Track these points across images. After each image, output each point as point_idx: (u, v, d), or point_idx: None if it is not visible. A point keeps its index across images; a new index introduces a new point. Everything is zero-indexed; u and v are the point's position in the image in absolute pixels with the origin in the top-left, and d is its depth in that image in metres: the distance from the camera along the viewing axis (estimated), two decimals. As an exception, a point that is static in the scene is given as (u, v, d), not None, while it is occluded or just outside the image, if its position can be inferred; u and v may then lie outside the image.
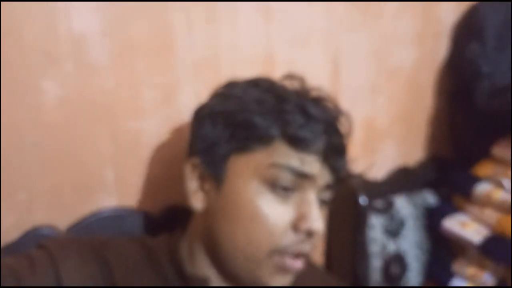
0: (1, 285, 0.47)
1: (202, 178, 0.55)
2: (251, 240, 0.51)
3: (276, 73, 0.58)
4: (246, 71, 0.61)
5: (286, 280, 0.53)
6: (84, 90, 0.62)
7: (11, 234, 0.60)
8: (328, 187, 0.53)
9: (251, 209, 0.51)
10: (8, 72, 0.57)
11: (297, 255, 0.51)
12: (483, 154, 0.88)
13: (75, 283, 0.49)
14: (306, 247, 0.51)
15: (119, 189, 0.67)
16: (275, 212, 0.50)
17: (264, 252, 0.50)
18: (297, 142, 0.51)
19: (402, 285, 0.87)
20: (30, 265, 0.49)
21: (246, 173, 0.52)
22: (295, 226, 0.50)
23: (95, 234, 0.63)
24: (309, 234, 0.50)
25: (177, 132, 0.69)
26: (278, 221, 0.50)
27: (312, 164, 0.51)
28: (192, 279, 0.54)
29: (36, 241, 0.58)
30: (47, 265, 0.49)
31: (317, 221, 0.50)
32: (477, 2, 0.92)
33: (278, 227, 0.50)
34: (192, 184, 0.55)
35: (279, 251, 0.50)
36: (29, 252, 0.52)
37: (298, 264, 0.52)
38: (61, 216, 0.63)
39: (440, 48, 0.96)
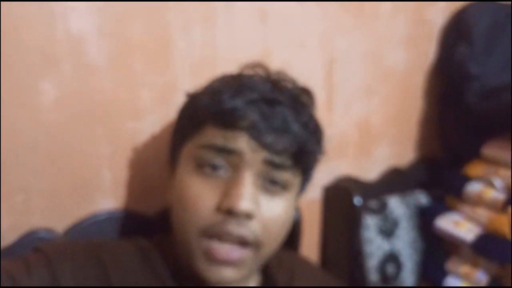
0: (-1, 288, 0.46)
1: (169, 174, 0.57)
2: (181, 222, 0.51)
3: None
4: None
5: (224, 272, 0.50)
6: (82, 90, 0.62)
7: (8, 237, 0.59)
8: (272, 165, 0.50)
9: (181, 192, 0.51)
10: (6, 73, 0.56)
11: (224, 238, 0.49)
12: (474, 154, 0.90)
13: (72, 285, 0.49)
14: (236, 230, 0.48)
15: (116, 190, 0.67)
16: (200, 192, 0.49)
17: (193, 235, 0.49)
18: (220, 118, 0.50)
19: (397, 285, 0.88)
20: (27, 269, 0.48)
21: (184, 160, 0.53)
22: (218, 205, 0.49)
23: (92, 237, 0.63)
24: (230, 213, 0.48)
25: (174, 133, 0.69)
26: (203, 201, 0.49)
27: (236, 139, 0.49)
28: (187, 279, 0.53)
29: (33, 244, 0.57)
30: (43, 268, 0.49)
31: (239, 198, 0.48)
32: (466, 4, 0.94)
33: (202, 207, 0.49)
34: (167, 181, 0.57)
35: (206, 233, 0.49)
36: (25, 255, 0.51)
37: (228, 253, 0.49)
38: (59, 218, 0.63)
39: (430, 51, 0.98)
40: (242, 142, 0.49)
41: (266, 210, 0.50)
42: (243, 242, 0.49)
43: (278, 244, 0.54)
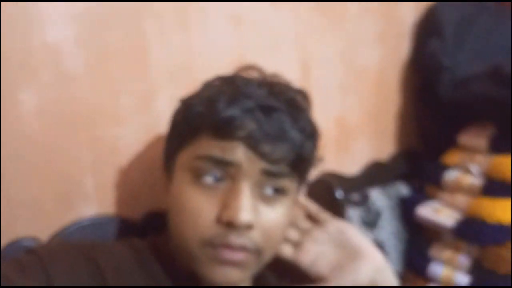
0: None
1: (166, 180, 0.57)
2: (180, 233, 0.51)
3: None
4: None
5: (230, 272, 0.50)
6: (61, 99, 0.63)
7: (-9, 246, 0.59)
8: (270, 174, 0.50)
9: (179, 203, 0.51)
10: (-15, 85, 0.57)
11: (229, 247, 0.49)
12: (450, 143, 0.92)
13: (66, 286, 0.49)
14: (236, 241, 0.49)
15: (99, 196, 0.67)
16: (200, 204, 0.50)
17: (194, 245, 0.50)
18: (217, 128, 0.49)
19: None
20: (20, 270, 0.48)
21: (180, 168, 0.53)
22: (218, 218, 0.49)
23: (81, 239, 0.63)
24: (231, 225, 0.48)
25: (155, 138, 0.70)
26: (202, 213, 0.49)
27: (234, 151, 0.49)
28: (183, 279, 0.54)
29: (18, 252, 0.57)
30: (37, 269, 0.49)
31: (238, 210, 0.48)
32: (435, 2, 0.97)
33: (203, 219, 0.49)
34: (164, 187, 0.57)
35: (208, 244, 0.49)
36: (18, 257, 0.51)
37: (233, 255, 0.49)
38: (43, 226, 0.63)
39: (402, 47, 1.00)
40: (239, 153, 0.49)
41: (266, 218, 0.51)
42: (244, 250, 0.50)
43: (278, 246, 0.56)
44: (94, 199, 0.67)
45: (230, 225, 0.48)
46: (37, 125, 0.62)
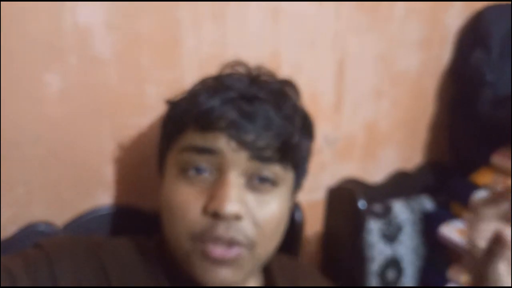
0: (-2, 285, 0.46)
1: (159, 180, 0.56)
2: (171, 230, 0.50)
3: (281, 73, 0.57)
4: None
5: (222, 272, 0.48)
6: (87, 84, 0.61)
7: (8, 229, 0.59)
8: (257, 163, 0.49)
9: (168, 199, 0.50)
10: (10, 64, 0.55)
11: (218, 242, 0.47)
12: (483, 162, 0.88)
13: (70, 283, 0.48)
14: (226, 233, 0.47)
15: (117, 186, 0.66)
16: (186, 196, 0.48)
17: (184, 241, 0.48)
18: (199, 120, 0.49)
19: (397, 290, 0.87)
20: (25, 265, 0.48)
21: (169, 166, 0.52)
22: (204, 209, 0.47)
23: (92, 232, 0.63)
24: (217, 216, 0.46)
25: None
26: (189, 206, 0.48)
27: (215, 139, 0.48)
28: (184, 281, 0.52)
29: (32, 236, 0.57)
30: (42, 265, 0.48)
31: (224, 200, 0.46)
32: (483, 6, 0.92)
33: (189, 212, 0.48)
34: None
35: (198, 238, 0.48)
36: (24, 251, 0.51)
37: (223, 252, 0.47)
38: (59, 212, 0.62)
39: (444, 54, 0.96)
40: (221, 142, 0.48)
41: (257, 209, 0.49)
42: (235, 244, 0.48)
43: (275, 242, 0.53)
44: (112, 188, 0.66)
45: (216, 216, 0.47)
46: (60, 108, 0.60)
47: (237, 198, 0.47)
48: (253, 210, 0.49)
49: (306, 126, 0.55)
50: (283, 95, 0.52)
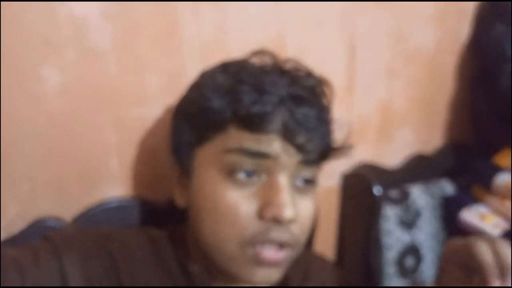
0: (5, 277, 0.46)
1: (179, 174, 0.54)
2: (217, 233, 0.48)
3: (286, 56, 0.55)
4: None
5: (270, 273, 0.49)
6: (86, 76, 0.60)
7: (14, 225, 0.59)
8: (302, 165, 0.49)
9: (213, 201, 0.48)
10: (7, 60, 0.55)
11: (272, 244, 0.48)
12: (506, 142, 0.84)
13: (79, 276, 0.49)
14: (279, 236, 0.47)
15: (124, 178, 0.66)
16: (236, 201, 0.47)
17: (234, 245, 0.48)
18: (249, 122, 0.47)
19: (417, 277, 0.84)
20: (34, 257, 0.48)
21: (207, 164, 0.50)
22: (261, 214, 0.47)
23: (100, 225, 0.62)
24: (276, 221, 0.47)
25: (183, 119, 0.66)
26: (240, 210, 0.47)
27: (269, 143, 0.47)
28: (195, 276, 0.52)
29: (40, 232, 0.57)
30: (51, 258, 0.49)
31: (283, 206, 0.46)
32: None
33: (242, 217, 0.47)
34: (174, 180, 0.55)
35: (249, 242, 0.47)
36: (33, 244, 0.51)
37: (274, 254, 0.48)
38: (66, 206, 0.62)
39: (462, 29, 0.91)
40: (276, 146, 0.47)
41: (302, 210, 0.50)
42: (284, 245, 0.48)
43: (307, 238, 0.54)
44: (118, 181, 0.66)
45: (274, 221, 0.47)
46: (60, 102, 0.59)
47: (292, 203, 0.47)
48: (300, 212, 0.49)
49: (332, 127, 0.54)
50: (323, 96, 0.52)
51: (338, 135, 0.54)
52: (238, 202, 0.47)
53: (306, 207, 0.50)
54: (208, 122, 0.50)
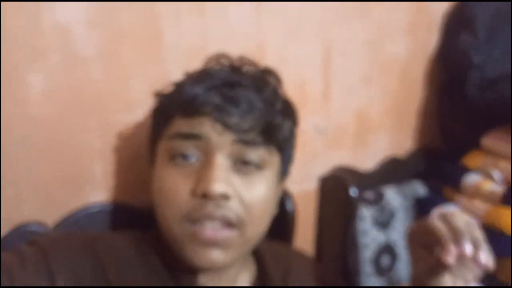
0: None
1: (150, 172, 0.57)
2: (163, 215, 0.52)
3: (266, 64, 0.57)
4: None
5: (212, 253, 0.50)
6: (71, 82, 0.61)
7: (-2, 230, 0.59)
8: (241, 145, 0.50)
9: (158, 186, 0.52)
10: (-9, 65, 0.55)
11: (208, 219, 0.49)
12: (473, 145, 0.88)
13: (67, 278, 0.49)
14: (214, 211, 0.49)
15: (108, 183, 0.67)
16: (175, 181, 0.50)
17: (175, 223, 0.50)
18: (183, 107, 0.51)
19: (393, 276, 0.87)
20: (22, 261, 0.48)
21: (159, 155, 0.54)
22: (193, 191, 0.49)
23: (84, 229, 0.63)
24: (205, 196, 0.48)
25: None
26: (178, 189, 0.50)
27: (201, 125, 0.50)
28: (180, 276, 0.53)
29: (24, 237, 0.57)
30: (38, 261, 0.49)
31: (211, 181, 0.48)
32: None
33: (178, 195, 0.50)
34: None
35: (186, 219, 0.49)
36: (20, 248, 0.51)
37: (213, 232, 0.49)
38: (50, 211, 0.63)
39: (431, 40, 0.95)
40: (207, 127, 0.50)
41: (244, 190, 0.51)
42: (227, 223, 0.50)
43: (263, 226, 0.54)
44: (102, 185, 0.67)
45: (205, 196, 0.49)
46: (45, 108, 0.60)
47: (224, 179, 0.49)
48: (240, 191, 0.51)
49: (287, 110, 0.57)
50: (263, 81, 0.55)
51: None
52: (176, 182, 0.50)
53: (252, 188, 0.51)
54: (160, 117, 0.55)
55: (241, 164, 0.51)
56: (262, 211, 0.53)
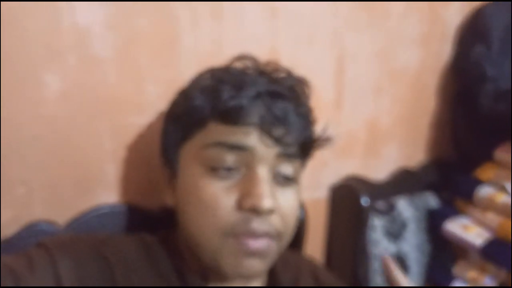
0: (0, 285, 0.45)
1: (169, 176, 0.56)
2: (200, 226, 0.50)
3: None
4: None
5: (254, 263, 0.49)
6: (86, 83, 0.61)
7: (9, 229, 0.59)
8: (281, 158, 0.50)
9: (195, 195, 0.50)
10: (9, 65, 0.56)
11: (253, 235, 0.48)
12: (486, 157, 0.87)
13: (74, 281, 0.48)
14: (259, 227, 0.48)
15: (118, 184, 0.67)
16: (217, 193, 0.49)
17: (216, 237, 0.49)
18: (226, 115, 0.49)
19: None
20: (29, 264, 0.48)
21: (190, 161, 0.51)
22: (240, 205, 0.48)
23: (94, 230, 0.63)
24: (254, 211, 0.47)
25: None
26: (221, 202, 0.48)
27: (247, 135, 0.49)
28: (189, 279, 0.53)
29: (34, 236, 0.57)
30: (46, 264, 0.48)
31: (261, 197, 0.47)
32: (483, 4, 0.92)
33: (222, 208, 0.48)
34: (165, 183, 0.57)
35: (230, 233, 0.48)
36: (27, 251, 0.51)
37: (256, 243, 0.48)
38: (60, 211, 0.62)
39: (444, 50, 0.95)
40: (253, 138, 0.49)
41: (283, 203, 0.51)
42: (267, 236, 0.49)
43: (292, 235, 0.54)
44: (113, 187, 0.66)
45: (253, 212, 0.48)
46: (59, 108, 0.60)
47: (271, 194, 0.49)
48: (280, 204, 0.50)
49: (314, 122, 0.57)
50: (301, 93, 0.54)
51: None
52: (218, 194, 0.49)
53: (287, 201, 0.51)
54: (189, 120, 0.52)
55: (279, 177, 0.51)
56: (294, 221, 0.53)
